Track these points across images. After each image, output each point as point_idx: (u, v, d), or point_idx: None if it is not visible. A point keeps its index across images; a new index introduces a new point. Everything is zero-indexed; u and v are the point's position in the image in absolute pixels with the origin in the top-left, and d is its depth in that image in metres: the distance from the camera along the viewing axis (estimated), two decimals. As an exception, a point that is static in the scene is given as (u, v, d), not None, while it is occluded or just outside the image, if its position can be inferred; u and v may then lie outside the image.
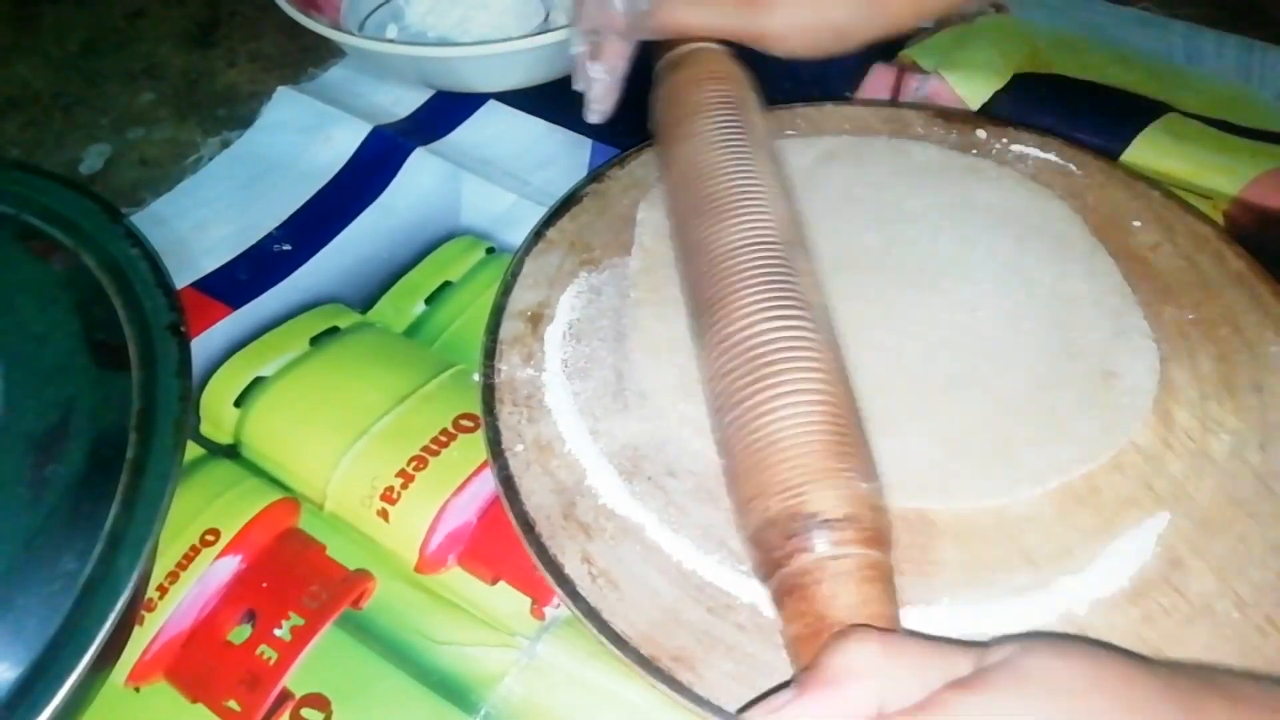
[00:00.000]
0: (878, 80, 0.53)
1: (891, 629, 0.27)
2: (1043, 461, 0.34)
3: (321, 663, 0.33)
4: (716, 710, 0.30)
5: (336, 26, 0.55)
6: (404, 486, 0.37)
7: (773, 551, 0.28)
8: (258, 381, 0.41)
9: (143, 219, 0.48)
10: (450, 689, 0.33)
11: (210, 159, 0.52)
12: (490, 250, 0.46)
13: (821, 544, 0.27)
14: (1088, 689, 0.24)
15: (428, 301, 0.44)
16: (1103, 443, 0.35)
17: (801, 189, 0.40)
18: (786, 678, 0.30)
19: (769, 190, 0.36)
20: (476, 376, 0.39)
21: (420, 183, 0.49)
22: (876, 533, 0.28)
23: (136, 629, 0.34)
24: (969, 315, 0.39)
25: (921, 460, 0.34)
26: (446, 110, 0.53)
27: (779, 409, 0.30)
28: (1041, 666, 0.24)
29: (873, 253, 0.41)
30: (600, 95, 0.44)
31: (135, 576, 0.30)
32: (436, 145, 0.51)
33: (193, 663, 0.34)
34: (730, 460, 0.31)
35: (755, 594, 0.32)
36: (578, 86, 0.44)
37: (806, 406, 0.30)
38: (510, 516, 0.34)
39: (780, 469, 0.29)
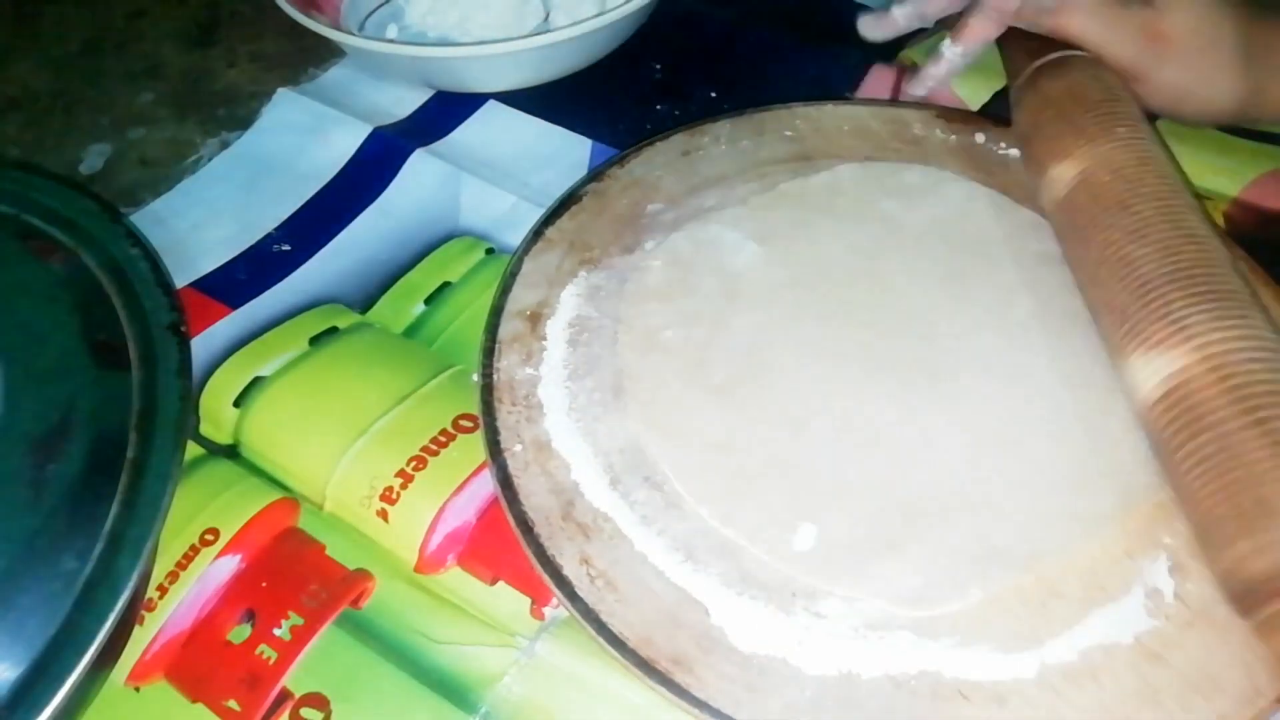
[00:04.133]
0: (878, 80, 0.53)
1: None
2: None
3: (321, 662, 0.33)
4: (715, 713, 0.30)
5: (336, 26, 0.55)
6: (403, 487, 0.37)
7: None
8: (257, 381, 0.41)
9: (143, 219, 0.48)
10: (450, 689, 0.33)
11: (210, 159, 0.52)
12: (490, 251, 0.46)
13: None
14: None
15: (427, 302, 0.44)
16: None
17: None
18: (785, 679, 0.31)
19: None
20: (475, 376, 0.39)
21: (420, 184, 0.49)
22: None
23: (136, 629, 0.34)
24: (968, 430, 0.36)
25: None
26: (446, 110, 0.53)
27: None
28: None
29: (916, 312, 0.39)
30: (944, 76, 0.43)
31: (135, 576, 0.30)
32: (436, 146, 0.51)
33: (193, 662, 0.34)
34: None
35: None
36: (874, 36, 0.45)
37: None
38: (509, 517, 0.34)
39: None
